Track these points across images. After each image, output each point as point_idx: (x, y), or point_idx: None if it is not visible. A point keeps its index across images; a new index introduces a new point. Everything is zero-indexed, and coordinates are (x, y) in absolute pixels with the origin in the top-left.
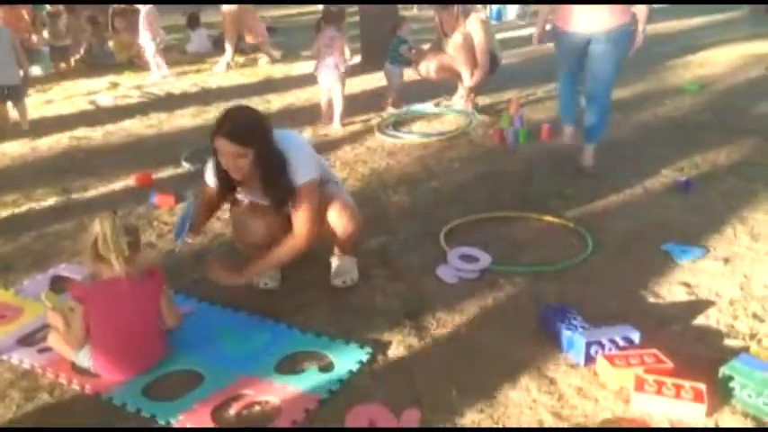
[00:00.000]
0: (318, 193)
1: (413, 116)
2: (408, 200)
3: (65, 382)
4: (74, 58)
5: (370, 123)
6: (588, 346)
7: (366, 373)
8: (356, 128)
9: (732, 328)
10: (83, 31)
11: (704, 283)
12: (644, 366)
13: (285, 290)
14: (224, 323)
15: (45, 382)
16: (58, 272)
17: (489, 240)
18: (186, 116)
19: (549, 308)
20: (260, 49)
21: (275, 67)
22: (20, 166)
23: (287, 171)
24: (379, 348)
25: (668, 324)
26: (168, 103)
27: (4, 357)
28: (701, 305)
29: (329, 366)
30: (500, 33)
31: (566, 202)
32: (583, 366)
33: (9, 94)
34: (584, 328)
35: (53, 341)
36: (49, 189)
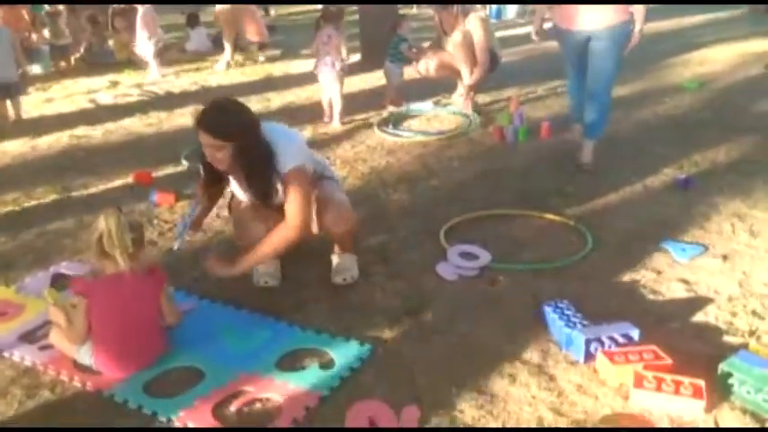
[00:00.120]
0: (308, 180)
1: (413, 115)
2: (408, 198)
3: (66, 380)
4: (74, 56)
5: (369, 122)
6: (588, 343)
7: (366, 370)
8: (356, 126)
9: (731, 325)
10: (83, 31)
11: (703, 280)
12: (643, 363)
13: (285, 288)
14: (225, 321)
15: (46, 379)
16: (60, 269)
17: (489, 238)
18: (186, 115)
19: (549, 305)
20: (260, 48)
21: (275, 65)
22: (20, 165)
23: (272, 164)
24: (380, 345)
25: (667, 321)
26: (168, 101)
27: (6, 354)
28: (700, 302)
29: (330, 363)
30: (499, 32)
31: (565, 199)
32: (582, 363)
33: (7, 92)
34: (583, 325)
35: (54, 338)
36: (50, 187)
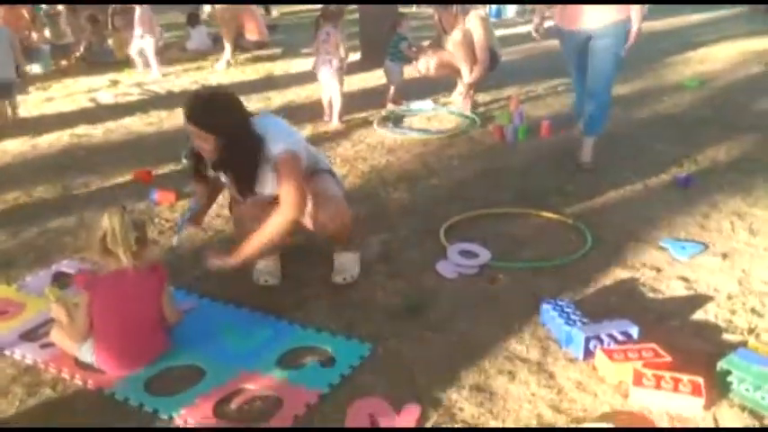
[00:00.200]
0: (300, 165)
1: (413, 113)
2: (408, 197)
3: (67, 378)
4: (74, 55)
5: (369, 120)
6: (587, 340)
7: (367, 368)
8: (356, 125)
9: (730, 322)
10: (82, 30)
11: (703, 278)
12: (642, 361)
13: (286, 286)
14: (225, 319)
15: (48, 377)
16: (60, 268)
17: (489, 236)
18: None
19: (549, 303)
20: (260, 47)
21: (276, 64)
22: (21, 164)
23: (259, 156)
24: (380, 343)
25: (667, 319)
26: (168, 100)
27: (7, 353)
28: (699, 300)
29: (330, 361)
30: (499, 30)
31: (565, 198)
32: (582, 361)
33: (5, 92)
34: (583, 323)
35: (56, 337)
36: (50, 186)
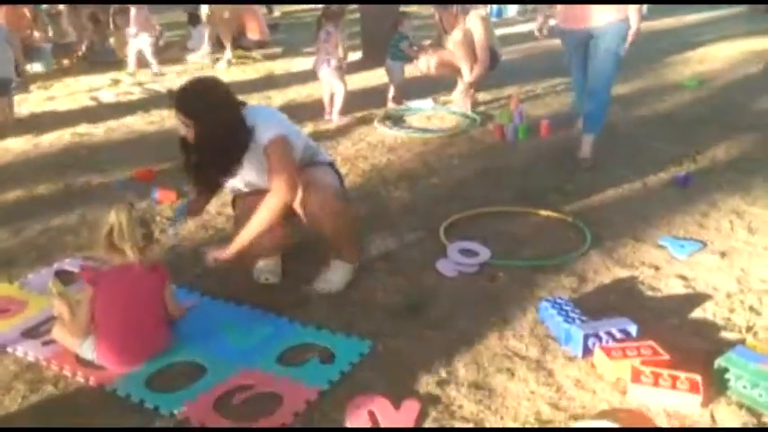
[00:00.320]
0: (289, 148)
1: (413, 112)
2: (409, 195)
3: (69, 374)
4: (76, 54)
5: (370, 119)
6: (586, 338)
7: (366, 364)
8: (357, 124)
9: (729, 320)
10: (84, 29)
11: (701, 276)
12: (641, 358)
13: (286, 284)
14: (226, 317)
15: (49, 374)
16: (63, 266)
17: (488, 235)
18: None
19: (548, 301)
20: (261, 46)
21: (277, 63)
22: (22, 162)
23: (238, 147)
24: (380, 341)
25: (665, 317)
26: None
27: (9, 350)
28: (698, 298)
29: (330, 358)
30: (500, 30)
31: (565, 197)
32: (581, 359)
33: (3, 90)
34: (582, 320)
35: (57, 334)
36: (52, 185)
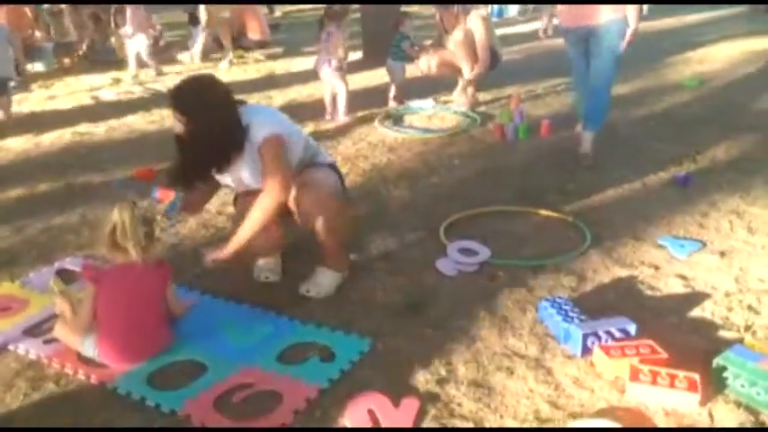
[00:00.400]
0: (282, 146)
1: (414, 112)
2: (409, 195)
3: (70, 372)
4: (77, 54)
5: (371, 119)
6: (585, 337)
7: (366, 363)
8: (357, 123)
9: (727, 319)
10: (85, 28)
11: (701, 276)
12: (639, 357)
13: (286, 283)
14: (226, 315)
15: (51, 371)
16: (64, 265)
17: (488, 234)
18: None
19: (547, 300)
20: (262, 46)
21: (277, 63)
22: (23, 161)
23: (228, 146)
24: (379, 339)
25: (664, 316)
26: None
27: (11, 348)
28: (697, 297)
29: (330, 357)
30: (501, 30)
31: (565, 196)
32: (580, 357)
33: (2, 88)
34: (581, 319)
35: (59, 332)
36: (53, 183)
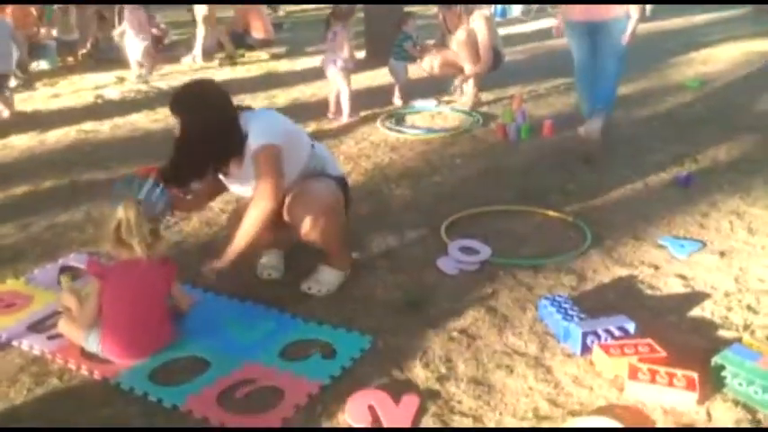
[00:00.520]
0: (276, 157)
1: (416, 112)
2: (411, 194)
3: (74, 368)
4: (81, 52)
5: (374, 119)
6: (585, 336)
7: (367, 360)
8: (360, 123)
9: (726, 319)
10: (89, 27)
11: (700, 275)
12: (638, 356)
13: (288, 280)
14: (229, 312)
15: (54, 367)
16: (68, 262)
17: (489, 233)
18: None
19: (547, 299)
20: (265, 45)
21: (281, 62)
22: (28, 159)
23: (221, 151)
24: (380, 336)
25: (664, 315)
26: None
27: (15, 343)
28: (696, 297)
29: (331, 353)
30: (504, 29)
31: (566, 196)
32: (579, 356)
33: (3, 84)
34: (580, 318)
35: (63, 327)
36: (57, 181)
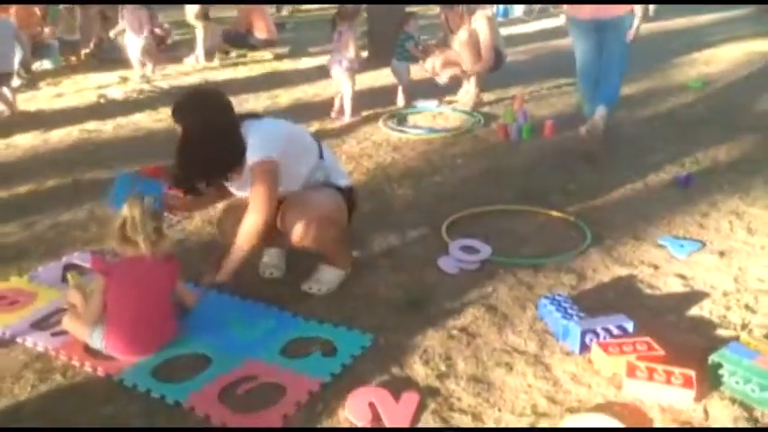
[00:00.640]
0: (272, 172)
1: (418, 112)
2: (412, 193)
3: (77, 364)
4: (84, 52)
5: (376, 119)
6: (583, 334)
7: (368, 357)
8: (362, 123)
9: (724, 318)
10: (92, 26)
11: (699, 275)
12: (636, 354)
13: (290, 279)
14: (231, 310)
15: (58, 364)
16: (71, 260)
17: (490, 233)
18: None
19: (547, 298)
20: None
21: (284, 62)
22: (32, 158)
23: (219, 159)
24: (381, 334)
25: (662, 314)
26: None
27: (19, 340)
28: (695, 297)
29: (332, 351)
30: (507, 30)
31: (567, 196)
32: (578, 354)
33: (4, 82)
34: (579, 317)
35: (68, 323)
36: (61, 180)
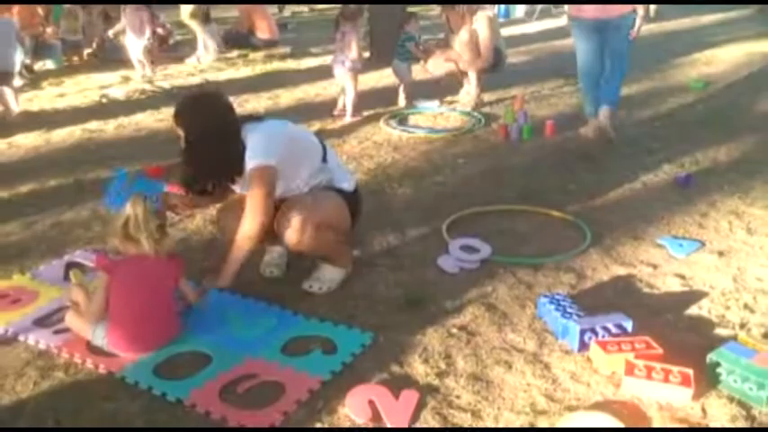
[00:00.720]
0: (269, 178)
1: (419, 112)
2: (413, 193)
3: (79, 362)
4: (86, 52)
5: (377, 119)
6: (582, 333)
7: (368, 355)
8: (363, 123)
9: (723, 317)
10: (94, 27)
11: (699, 275)
12: (635, 352)
13: (290, 278)
14: (232, 309)
15: (60, 361)
16: (74, 258)
17: (490, 232)
18: None
19: (546, 296)
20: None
21: (285, 62)
22: (34, 157)
23: (222, 163)
24: (381, 333)
25: (661, 313)
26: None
27: (21, 338)
28: (694, 296)
29: (332, 349)
30: (508, 30)
31: (567, 196)
32: (577, 353)
33: (4, 82)
34: (579, 316)
35: (70, 320)
36: (63, 180)
